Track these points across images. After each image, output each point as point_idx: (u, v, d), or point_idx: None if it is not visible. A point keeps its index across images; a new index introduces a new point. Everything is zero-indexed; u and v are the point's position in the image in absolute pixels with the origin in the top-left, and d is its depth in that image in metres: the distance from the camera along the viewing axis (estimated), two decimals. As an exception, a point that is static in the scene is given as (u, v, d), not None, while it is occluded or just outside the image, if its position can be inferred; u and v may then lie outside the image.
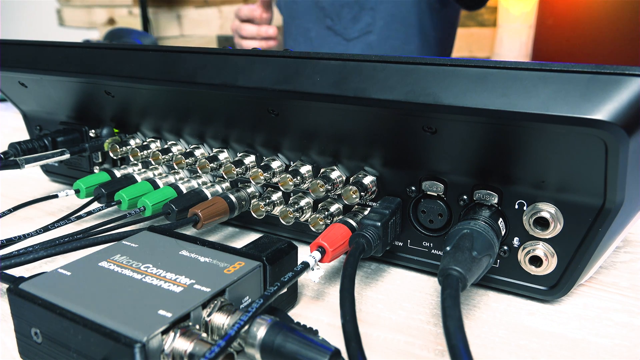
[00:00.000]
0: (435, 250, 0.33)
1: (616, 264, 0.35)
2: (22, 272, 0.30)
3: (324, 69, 0.30)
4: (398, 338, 0.27)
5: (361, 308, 0.30)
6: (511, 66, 0.25)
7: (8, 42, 0.45)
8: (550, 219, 0.28)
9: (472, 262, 0.25)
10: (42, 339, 0.22)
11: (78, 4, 2.45)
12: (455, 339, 0.20)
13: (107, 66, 0.39)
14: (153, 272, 0.25)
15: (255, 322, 0.22)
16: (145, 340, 0.20)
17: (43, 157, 0.43)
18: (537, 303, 0.30)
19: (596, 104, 0.23)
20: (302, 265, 0.26)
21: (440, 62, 0.27)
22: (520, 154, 0.27)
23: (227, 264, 0.26)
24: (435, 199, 0.31)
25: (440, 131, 0.28)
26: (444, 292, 0.23)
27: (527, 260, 0.29)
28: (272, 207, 0.37)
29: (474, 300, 0.31)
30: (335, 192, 0.34)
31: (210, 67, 0.34)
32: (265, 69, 0.32)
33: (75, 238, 0.32)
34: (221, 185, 0.40)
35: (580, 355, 0.26)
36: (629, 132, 0.23)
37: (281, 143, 0.36)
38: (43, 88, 0.46)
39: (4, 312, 0.29)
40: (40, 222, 0.42)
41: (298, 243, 0.35)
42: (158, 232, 0.30)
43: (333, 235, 0.30)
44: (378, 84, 0.28)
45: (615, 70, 0.24)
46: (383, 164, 0.32)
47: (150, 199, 0.38)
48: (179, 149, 0.41)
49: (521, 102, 0.24)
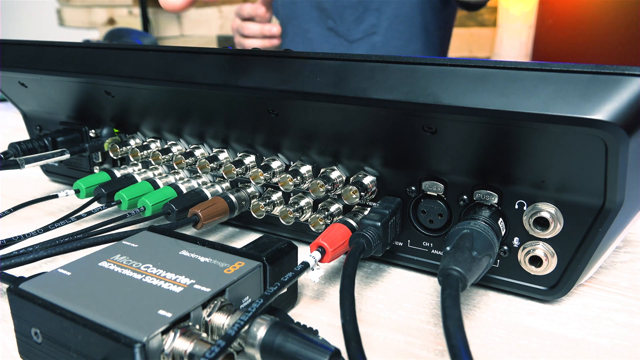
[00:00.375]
0: (435, 250, 0.33)
1: (616, 264, 0.35)
2: (22, 272, 0.30)
3: (324, 69, 0.30)
4: (398, 338, 0.27)
5: (361, 308, 0.30)
6: (511, 66, 0.25)
7: (8, 42, 0.45)
8: (550, 219, 0.28)
9: (472, 262, 0.25)
10: (42, 339, 0.22)
11: (78, 4, 2.45)
12: (455, 339, 0.20)
13: (107, 66, 0.39)
14: (153, 272, 0.25)
15: (255, 322, 0.22)
16: (145, 340, 0.20)
17: (43, 157, 0.43)
18: (537, 303, 0.30)
19: (596, 104, 0.23)
20: (302, 265, 0.26)
21: (440, 62, 0.27)
22: (520, 154, 0.27)
23: (227, 264, 0.26)
24: (435, 199, 0.31)
25: (440, 131, 0.28)
26: (444, 292, 0.23)
27: (527, 260, 0.29)
28: (272, 207, 0.37)
29: (474, 300, 0.31)
30: (335, 192, 0.34)
31: (210, 67, 0.34)
32: (265, 69, 0.32)
33: (75, 238, 0.32)
34: (221, 185, 0.40)
35: (580, 355, 0.26)
36: (629, 132, 0.23)
37: (281, 143, 0.36)
38: (43, 88, 0.46)
39: (4, 312, 0.29)
40: (40, 222, 0.42)
41: (298, 243, 0.35)
42: (158, 232, 0.30)
43: (333, 235, 0.30)
44: (378, 84, 0.28)
45: (615, 70, 0.24)
46: (383, 164, 0.32)
47: (150, 199, 0.38)
48: (179, 149, 0.41)
49: (521, 102, 0.24)
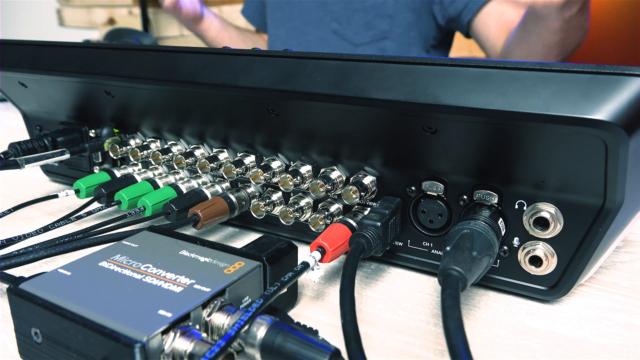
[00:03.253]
0: (435, 250, 0.33)
1: (616, 264, 0.35)
2: (22, 272, 0.30)
3: (324, 69, 0.30)
4: (398, 338, 0.27)
5: (361, 308, 0.30)
6: (511, 66, 0.25)
7: (8, 42, 0.45)
8: (550, 219, 0.28)
9: (472, 262, 0.25)
10: (42, 339, 0.22)
11: (78, 4, 2.44)
12: (455, 339, 0.20)
13: (107, 66, 0.39)
14: (153, 272, 0.25)
15: (255, 322, 0.22)
16: (145, 340, 0.20)
17: (43, 157, 0.43)
18: (537, 303, 0.30)
19: (596, 104, 0.23)
20: (302, 265, 0.26)
21: (440, 62, 0.27)
22: (520, 154, 0.27)
23: (227, 264, 0.26)
24: (435, 199, 0.31)
25: (440, 131, 0.28)
26: (444, 292, 0.23)
27: (527, 260, 0.29)
28: (272, 207, 0.37)
29: (474, 300, 0.31)
30: (335, 192, 0.34)
31: (210, 67, 0.34)
32: (265, 69, 0.32)
33: (75, 238, 0.32)
34: (221, 185, 0.40)
35: (580, 355, 0.26)
36: (629, 132, 0.23)
37: (281, 143, 0.36)
38: (43, 88, 0.46)
39: (4, 312, 0.29)
40: (40, 222, 0.42)
41: (298, 243, 0.35)
42: (158, 232, 0.30)
43: (333, 235, 0.30)
44: (378, 84, 0.28)
45: (615, 70, 0.23)
46: (383, 164, 0.32)
47: (150, 199, 0.38)
48: (179, 149, 0.41)
49: (521, 102, 0.24)
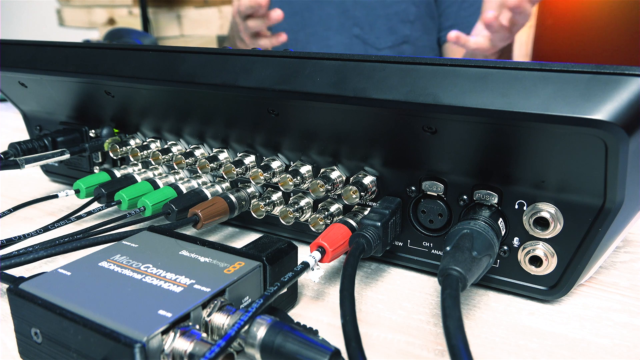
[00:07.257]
0: (435, 250, 0.33)
1: (616, 264, 0.35)
2: (22, 272, 0.30)
3: (324, 69, 0.30)
4: (398, 338, 0.27)
5: (361, 308, 0.30)
6: (511, 66, 0.25)
7: (8, 42, 0.45)
8: (550, 219, 0.28)
9: (472, 262, 0.25)
10: (42, 339, 0.22)
11: (78, 4, 2.44)
12: (455, 339, 0.20)
13: (107, 66, 0.39)
14: (153, 272, 0.25)
15: (255, 322, 0.22)
16: (145, 340, 0.20)
17: (43, 157, 0.43)
18: (537, 303, 0.30)
19: (596, 104, 0.23)
20: (302, 265, 0.26)
21: (440, 62, 0.27)
22: (520, 154, 0.27)
23: (227, 264, 0.26)
24: (435, 199, 0.31)
25: (440, 131, 0.28)
26: (444, 292, 0.23)
27: (527, 260, 0.29)
28: (272, 207, 0.37)
29: (474, 300, 0.31)
30: (335, 192, 0.34)
31: (210, 67, 0.34)
32: (265, 69, 0.32)
33: (75, 238, 0.32)
34: (221, 185, 0.40)
35: (580, 355, 0.26)
36: (629, 132, 0.23)
37: (281, 143, 0.36)
38: (43, 88, 0.46)
39: (4, 312, 0.29)
40: (40, 222, 0.42)
41: (298, 243, 0.34)
42: (158, 232, 0.30)
43: (333, 235, 0.30)
44: (378, 84, 0.28)
45: (615, 70, 0.24)
46: (383, 164, 0.32)
47: (150, 199, 0.38)
48: (179, 149, 0.41)
49: (521, 102, 0.24)
